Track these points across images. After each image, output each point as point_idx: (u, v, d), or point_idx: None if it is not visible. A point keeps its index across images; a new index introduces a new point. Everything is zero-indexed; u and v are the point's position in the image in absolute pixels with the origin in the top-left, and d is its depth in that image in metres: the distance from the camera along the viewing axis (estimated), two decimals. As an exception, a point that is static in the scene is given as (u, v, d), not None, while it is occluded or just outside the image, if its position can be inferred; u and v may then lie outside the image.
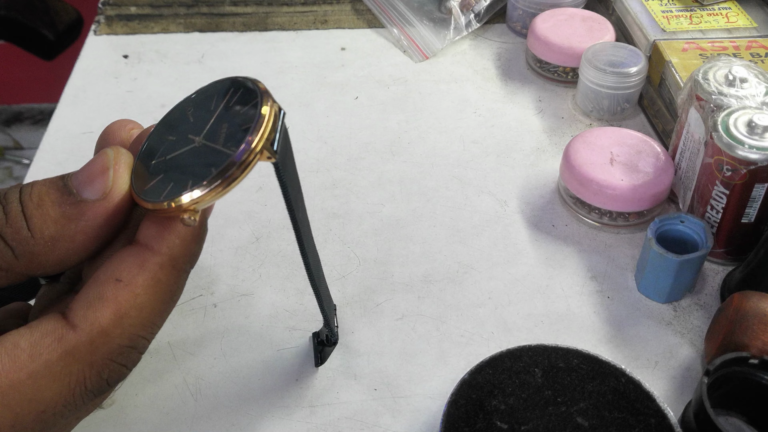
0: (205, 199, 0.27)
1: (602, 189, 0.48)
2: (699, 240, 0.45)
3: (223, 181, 0.26)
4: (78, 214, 0.27)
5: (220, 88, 0.30)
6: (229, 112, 0.28)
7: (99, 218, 0.27)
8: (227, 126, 0.28)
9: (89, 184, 0.28)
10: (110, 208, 0.28)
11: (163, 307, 0.28)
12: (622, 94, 0.57)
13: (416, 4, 0.69)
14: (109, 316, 0.27)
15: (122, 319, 0.27)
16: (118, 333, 0.27)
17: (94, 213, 0.27)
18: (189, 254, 0.29)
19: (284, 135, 0.29)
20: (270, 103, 0.28)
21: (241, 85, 0.29)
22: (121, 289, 0.27)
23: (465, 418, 0.36)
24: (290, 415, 0.40)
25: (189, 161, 0.28)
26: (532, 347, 0.39)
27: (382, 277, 0.47)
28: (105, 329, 0.27)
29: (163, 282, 0.28)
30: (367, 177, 0.55)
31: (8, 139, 1.72)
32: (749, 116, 0.44)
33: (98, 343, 0.27)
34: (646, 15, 0.60)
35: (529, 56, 0.64)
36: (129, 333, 0.27)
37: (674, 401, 0.40)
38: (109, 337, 0.27)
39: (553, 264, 0.48)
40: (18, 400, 0.26)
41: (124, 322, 0.27)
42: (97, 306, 0.27)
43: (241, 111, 0.28)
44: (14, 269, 0.28)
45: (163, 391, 0.41)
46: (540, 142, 0.57)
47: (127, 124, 0.32)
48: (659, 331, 0.44)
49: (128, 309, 0.27)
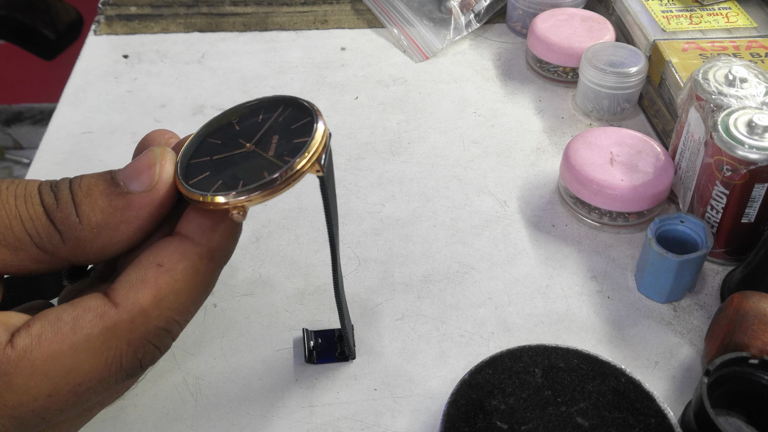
0: (255, 200, 0.28)
1: (602, 189, 0.48)
2: (699, 240, 0.45)
3: (277, 186, 0.28)
4: (124, 204, 0.29)
5: (268, 103, 0.32)
6: (281, 125, 0.31)
7: (144, 209, 0.29)
8: (278, 138, 0.30)
9: (136, 178, 0.29)
10: (155, 200, 0.29)
11: (198, 296, 0.30)
12: (622, 94, 0.57)
13: (416, 4, 0.69)
14: (149, 297, 0.28)
15: (161, 301, 0.28)
16: (156, 314, 0.28)
17: (139, 204, 0.29)
18: (226, 248, 0.30)
19: (329, 154, 0.31)
20: (321, 121, 0.30)
21: (294, 102, 0.32)
22: (162, 273, 0.28)
23: (465, 418, 0.36)
24: (290, 415, 0.40)
25: (239, 163, 0.30)
26: (532, 347, 0.39)
27: (382, 277, 0.47)
28: (145, 309, 0.28)
29: (201, 272, 0.29)
30: (367, 177, 0.55)
31: (8, 139, 1.72)
32: (749, 116, 0.44)
33: (138, 322, 0.28)
34: (646, 15, 0.60)
35: (529, 56, 0.64)
36: (166, 316, 0.29)
37: (674, 401, 0.40)
38: (148, 317, 0.28)
39: (553, 264, 0.48)
40: (57, 371, 0.27)
41: (163, 304, 0.28)
42: (139, 287, 0.28)
43: (294, 126, 0.30)
44: (59, 253, 0.29)
45: (163, 391, 0.41)
46: (540, 142, 0.57)
47: (166, 133, 0.33)
48: (659, 331, 0.44)
49: (167, 293, 0.28)
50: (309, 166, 0.29)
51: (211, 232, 0.29)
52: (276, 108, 0.32)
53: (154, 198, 0.29)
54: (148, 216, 0.29)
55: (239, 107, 0.33)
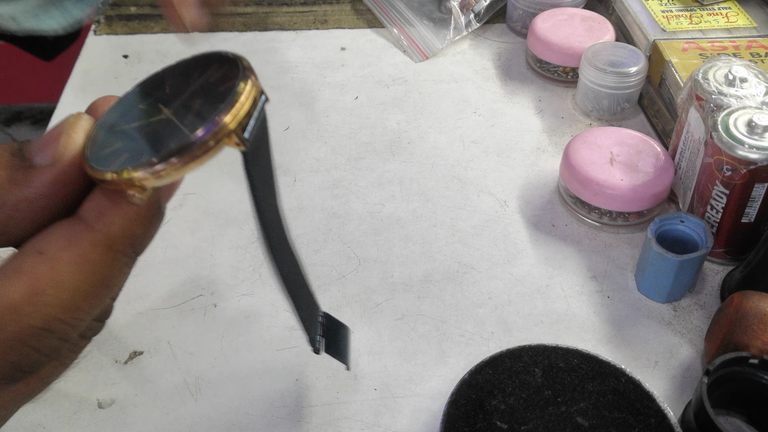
0: (151, 178, 0.23)
1: (602, 189, 0.48)
2: (699, 240, 0.45)
3: (178, 161, 0.23)
4: (25, 179, 0.25)
5: (205, 60, 0.27)
6: (207, 86, 0.25)
7: (45, 186, 0.25)
8: (200, 102, 0.25)
9: (42, 150, 0.25)
10: (59, 176, 0.25)
11: (91, 291, 0.25)
12: (622, 94, 0.57)
13: (416, 4, 0.69)
14: (22, 291, 0.24)
15: (37, 296, 0.24)
16: (29, 311, 0.24)
17: (41, 180, 0.25)
18: (131, 236, 0.25)
19: (260, 123, 0.26)
20: (250, 83, 0.25)
21: (225, 59, 0.26)
22: (41, 262, 0.24)
23: (465, 418, 0.36)
24: (290, 415, 0.40)
25: (152, 133, 0.25)
26: (532, 347, 0.39)
27: (382, 277, 0.47)
28: (15, 305, 0.24)
29: (94, 262, 0.24)
30: (367, 177, 0.55)
31: (8, 139, 1.72)
32: (749, 116, 0.44)
33: (5, 320, 0.24)
34: (646, 15, 0.60)
35: (529, 56, 0.64)
36: (44, 313, 0.24)
37: (674, 401, 0.40)
38: (19, 314, 0.24)
39: (553, 264, 0.48)
40: None
41: (39, 299, 0.24)
42: (12, 278, 0.24)
43: (219, 88, 0.25)
44: None
45: (163, 391, 0.41)
46: (540, 142, 0.57)
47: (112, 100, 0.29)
48: (659, 331, 0.44)
49: (45, 286, 0.24)
50: (220, 138, 0.24)
51: (109, 215, 0.24)
52: (209, 65, 0.26)
53: (57, 173, 0.25)
54: (51, 194, 0.25)
55: (179, 63, 0.28)
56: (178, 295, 0.33)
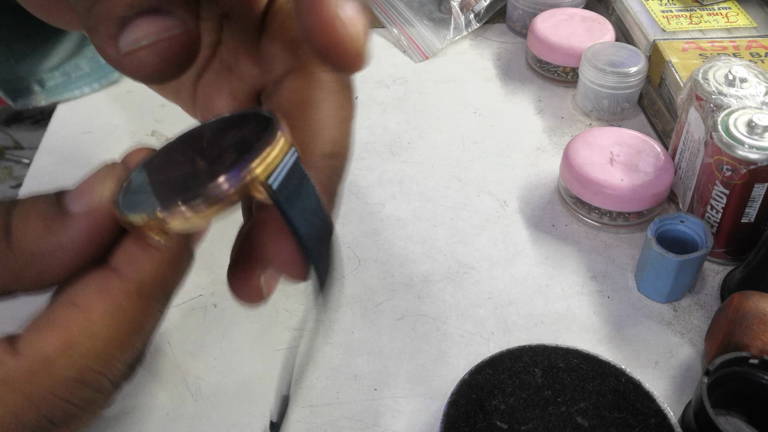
0: (175, 222, 0.23)
1: (602, 189, 0.48)
2: (699, 240, 0.45)
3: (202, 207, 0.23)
4: (61, 228, 0.25)
5: (243, 117, 0.27)
6: (241, 141, 0.26)
7: (81, 234, 0.25)
8: (233, 155, 0.25)
9: (78, 198, 0.25)
10: (93, 223, 0.25)
11: (125, 339, 0.25)
12: (622, 94, 0.57)
13: (416, 4, 0.69)
14: (56, 342, 0.24)
15: (71, 347, 0.24)
16: (63, 363, 0.24)
17: (76, 228, 0.25)
18: (162, 282, 0.25)
19: (292, 174, 0.25)
20: (279, 134, 0.24)
21: (261, 116, 0.26)
22: (74, 314, 0.24)
23: (465, 418, 0.36)
24: (290, 415, 0.40)
25: (183, 183, 0.25)
26: (532, 347, 0.39)
27: (382, 277, 0.47)
28: (48, 357, 0.24)
29: (127, 310, 0.25)
30: (367, 177, 0.55)
31: (8, 139, 1.72)
32: (749, 116, 0.44)
33: (39, 373, 0.24)
34: (646, 15, 0.60)
35: (529, 56, 0.64)
36: (78, 364, 0.24)
37: (674, 401, 0.40)
38: (53, 366, 0.24)
39: (553, 264, 0.48)
40: None
41: (73, 351, 0.24)
42: (45, 331, 0.24)
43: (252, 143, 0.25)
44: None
45: (163, 391, 0.41)
46: (540, 142, 0.57)
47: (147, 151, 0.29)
48: (659, 331, 0.44)
49: (79, 337, 0.24)
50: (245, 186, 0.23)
51: (139, 262, 0.25)
52: (246, 122, 0.27)
53: (92, 221, 0.25)
54: (86, 242, 0.25)
55: (215, 120, 0.28)
56: (178, 295, 0.33)
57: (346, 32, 0.23)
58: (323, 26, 0.23)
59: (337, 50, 0.23)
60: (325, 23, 0.23)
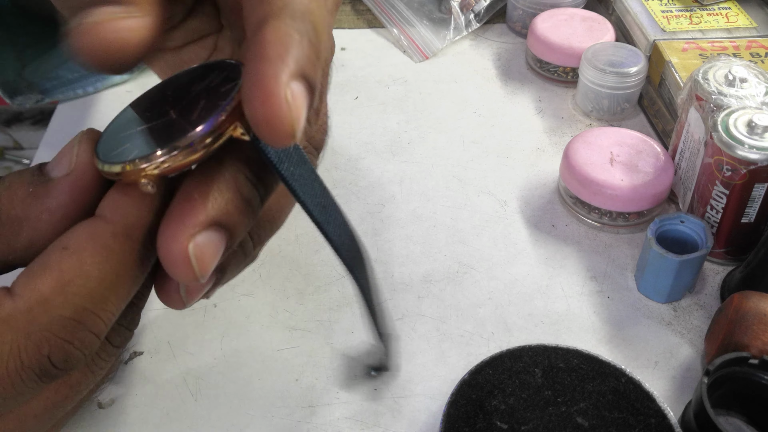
0: (159, 167, 0.25)
1: (602, 189, 0.48)
2: (699, 240, 0.45)
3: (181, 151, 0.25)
4: (45, 192, 0.27)
5: (206, 69, 0.29)
6: (210, 89, 0.27)
7: (65, 195, 0.27)
8: (204, 101, 0.27)
9: (57, 164, 0.27)
10: (74, 182, 0.27)
11: (117, 280, 0.26)
12: (622, 94, 0.57)
13: (416, 4, 0.69)
14: (51, 283, 0.25)
15: (65, 287, 0.25)
16: (59, 302, 0.25)
17: (60, 189, 0.27)
18: (147, 224, 0.27)
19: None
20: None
21: (226, 65, 0.28)
22: (67, 256, 0.25)
23: (465, 418, 0.36)
24: (290, 415, 0.40)
25: (159, 132, 0.27)
26: (532, 347, 0.39)
27: (382, 277, 0.47)
28: (45, 297, 0.25)
29: (116, 252, 0.26)
30: (367, 177, 0.55)
31: (8, 139, 1.72)
32: (749, 116, 0.44)
33: (36, 311, 0.25)
34: (646, 15, 0.60)
35: (529, 56, 0.64)
36: (73, 303, 0.25)
37: (674, 401, 0.40)
38: (49, 305, 0.25)
39: (553, 264, 0.48)
40: None
41: (67, 290, 0.25)
42: (39, 274, 0.25)
43: (221, 89, 0.27)
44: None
45: (163, 391, 0.41)
46: (540, 142, 0.57)
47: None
48: (659, 331, 0.44)
49: (72, 277, 0.25)
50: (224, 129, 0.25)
51: (124, 206, 0.26)
52: (210, 72, 0.28)
53: (73, 180, 0.27)
54: (71, 202, 0.27)
55: (175, 76, 0.30)
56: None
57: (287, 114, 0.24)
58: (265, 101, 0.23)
59: (272, 127, 0.24)
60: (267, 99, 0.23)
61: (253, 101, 0.24)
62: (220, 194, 0.26)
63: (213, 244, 0.26)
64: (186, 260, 0.25)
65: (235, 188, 0.27)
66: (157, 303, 0.30)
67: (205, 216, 0.26)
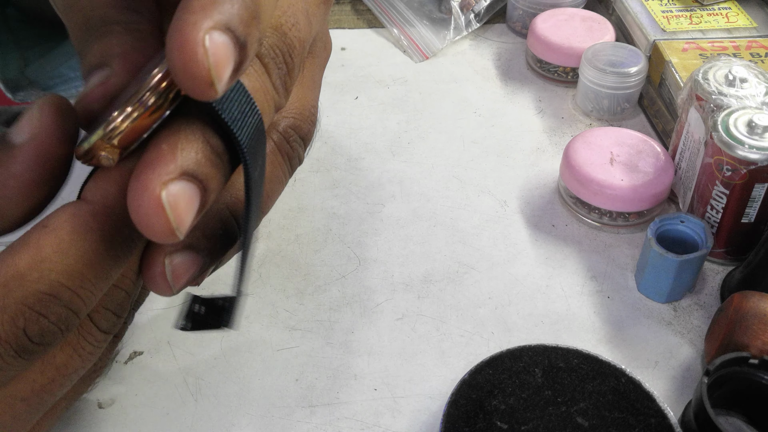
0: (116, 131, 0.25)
1: (602, 189, 0.48)
2: (699, 240, 0.45)
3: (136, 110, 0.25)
4: (9, 158, 0.26)
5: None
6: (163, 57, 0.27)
7: (30, 159, 0.26)
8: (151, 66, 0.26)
9: (20, 130, 0.27)
10: (38, 147, 0.26)
11: (95, 258, 0.26)
12: (622, 94, 0.57)
13: (416, 4, 0.69)
14: (27, 258, 0.25)
15: (41, 262, 0.25)
16: (35, 277, 0.25)
17: (24, 155, 0.26)
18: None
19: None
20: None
21: None
22: (45, 234, 0.25)
23: (465, 418, 0.36)
24: (290, 415, 0.40)
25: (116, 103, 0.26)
26: (532, 347, 0.39)
27: (382, 277, 0.47)
28: (20, 272, 0.25)
29: (95, 230, 0.26)
30: (367, 177, 0.55)
31: (8, 139, 1.72)
32: (749, 116, 0.44)
33: (12, 285, 0.25)
34: (646, 15, 0.60)
35: (529, 56, 0.64)
36: (48, 279, 0.25)
37: (674, 401, 0.40)
38: (25, 280, 0.25)
39: (553, 264, 0.48)
40: None
41: (44, 266, 0.25)
42: (18, 250, 0.25)
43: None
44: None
45: (163, 391, 0.41)
46: (540, 142, 0.57)
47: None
48: (659, 331, 0.44)
49: (49, 253, 0.25)
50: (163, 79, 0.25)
51: (103, 186, 0.26)
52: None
53: (38, 145, 0.26)
54: (37, 166, 0.26)
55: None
56: (178, 295, 0.33)
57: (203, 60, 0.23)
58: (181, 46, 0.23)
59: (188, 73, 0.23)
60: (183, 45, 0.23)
61: (170, 48, 0.23)
62: (188, 144, 0.25)
63: (187, 194, 0.25)
64: (160, 209, 0.24)
65: (203, 139, 0.26)
66: (157, 303, 0.30)
67: (175, 165, 0.25)
